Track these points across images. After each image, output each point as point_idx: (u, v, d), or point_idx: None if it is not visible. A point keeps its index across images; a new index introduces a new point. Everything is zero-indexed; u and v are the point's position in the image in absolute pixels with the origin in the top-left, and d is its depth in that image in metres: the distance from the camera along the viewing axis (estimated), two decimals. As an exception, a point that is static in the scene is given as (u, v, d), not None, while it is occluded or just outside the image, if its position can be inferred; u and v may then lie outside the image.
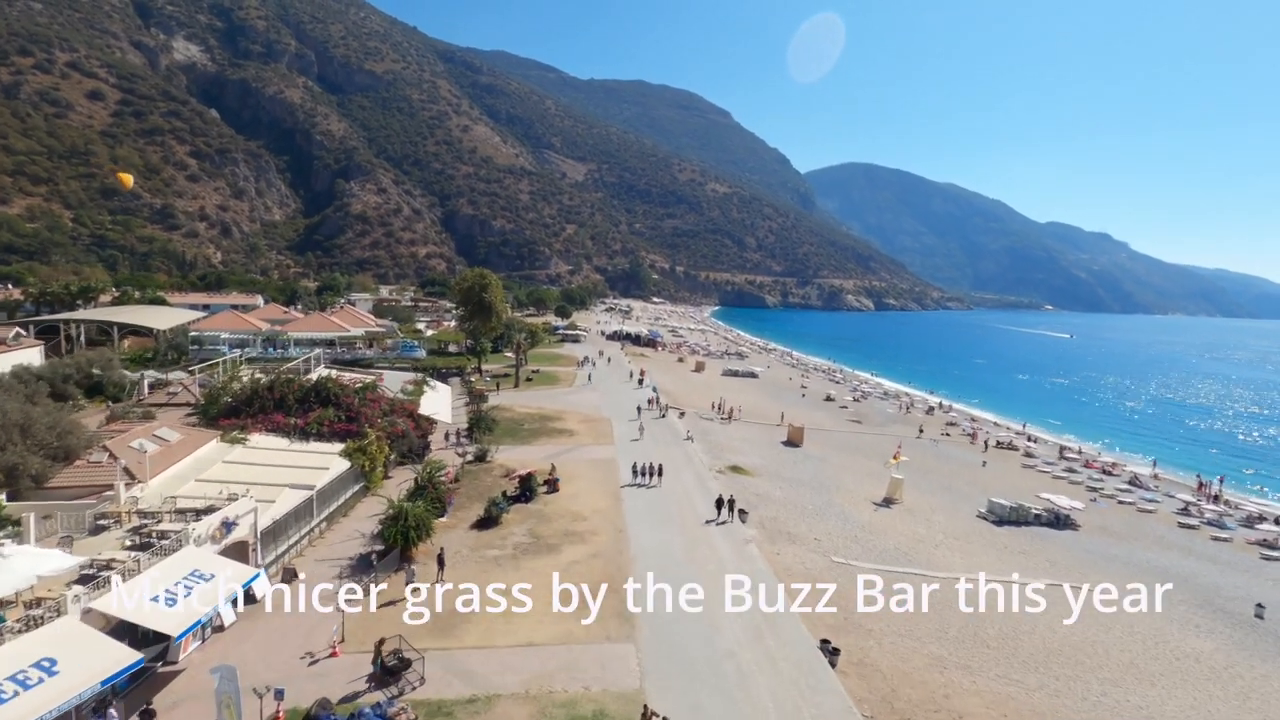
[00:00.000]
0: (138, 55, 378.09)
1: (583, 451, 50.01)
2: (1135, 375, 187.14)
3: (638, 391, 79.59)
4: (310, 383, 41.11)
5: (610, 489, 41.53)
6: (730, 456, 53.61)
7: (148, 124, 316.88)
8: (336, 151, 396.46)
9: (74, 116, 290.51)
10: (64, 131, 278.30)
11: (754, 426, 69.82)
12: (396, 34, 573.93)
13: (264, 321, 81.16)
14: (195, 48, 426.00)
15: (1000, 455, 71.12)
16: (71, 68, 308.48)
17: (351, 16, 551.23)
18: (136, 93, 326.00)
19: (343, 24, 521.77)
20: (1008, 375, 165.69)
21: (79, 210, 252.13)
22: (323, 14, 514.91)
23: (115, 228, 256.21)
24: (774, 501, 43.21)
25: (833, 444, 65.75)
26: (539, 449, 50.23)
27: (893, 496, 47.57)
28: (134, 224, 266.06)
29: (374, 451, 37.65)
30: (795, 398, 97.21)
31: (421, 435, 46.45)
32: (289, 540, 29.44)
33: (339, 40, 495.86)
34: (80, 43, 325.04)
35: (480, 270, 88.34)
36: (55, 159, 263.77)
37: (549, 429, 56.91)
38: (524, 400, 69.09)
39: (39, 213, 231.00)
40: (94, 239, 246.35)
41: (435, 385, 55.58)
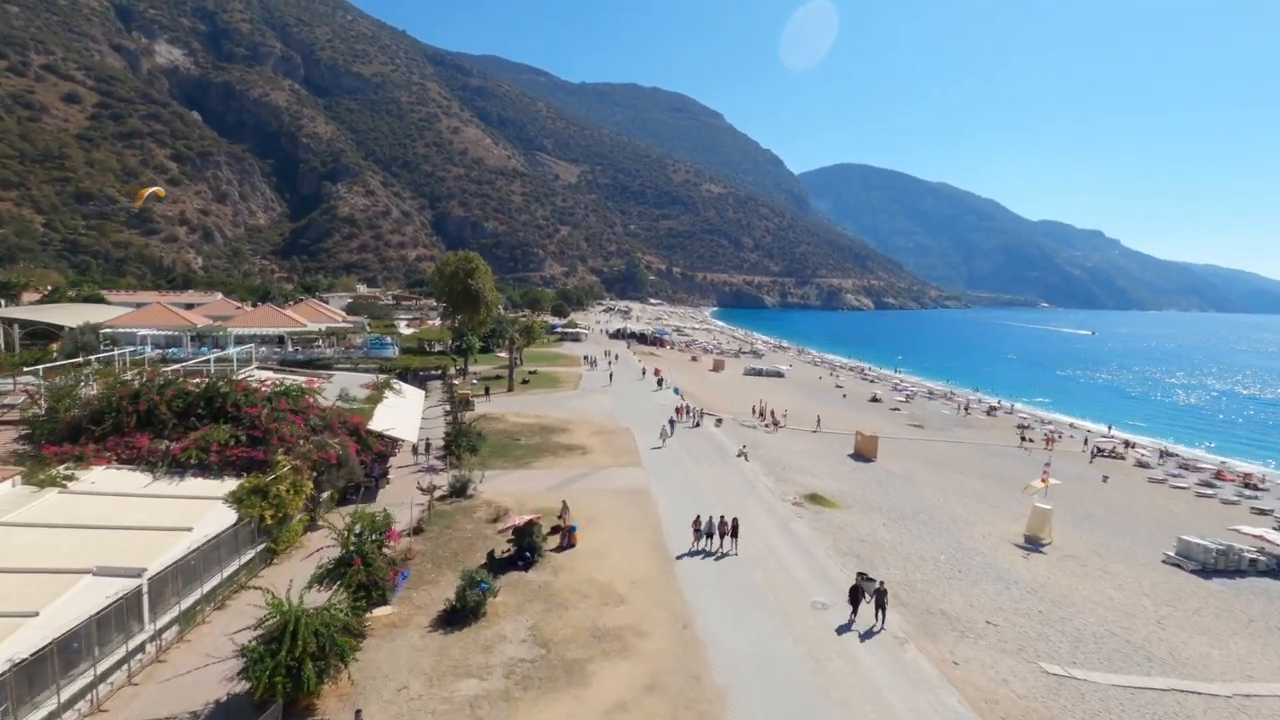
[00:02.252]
0: (117, 59, 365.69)
1: (602, 478, 36.23)
2: (1179, 369, 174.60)
3: (656, 394, 65.97)
4: (199, 388, 27.10)
5: (649, 538, 27.82)
6: (798, 478, 39.90)
7: (126, 127, 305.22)
8: (323, 154, 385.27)
9: (48, 120, 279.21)
10: (37, 135, 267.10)
11: (806, 436, 56.13)
12: (385, 37, 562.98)
13: (207, 317, 67.23)
14: (178, 51, 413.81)
15: (1110, 467, 57.53)
16: (47, 70, 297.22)
17: (339, 19, 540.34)
18: (115, 95, 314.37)
19: (329, 27, 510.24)
20: (1046, 371, 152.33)
21: (51, 215, 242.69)
22: (309, 17, 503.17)
23: (89, 233, 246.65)
24: (888, 549, 29.49)
25: (909, 456, 52.12)
26: (541, 475, 36.47)
27: (1037, 535, 33.97)
28: (109, 229, 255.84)
29: (283, 492, 23.79)
30: (834, 399, 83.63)
31: (375, 459, 32.55)
32: (77, 678, 15.53)
33: (325, 43, 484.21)
34: (57, 45, 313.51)
35: (465, 253, 74.57)
36: (28, 163, 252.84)
37: (553, 445, 43.11)
38: (519, 406, 55.31)
39: (8, 218, 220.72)
40: (66, 244, 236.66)
41: (402, 390, 41.69)
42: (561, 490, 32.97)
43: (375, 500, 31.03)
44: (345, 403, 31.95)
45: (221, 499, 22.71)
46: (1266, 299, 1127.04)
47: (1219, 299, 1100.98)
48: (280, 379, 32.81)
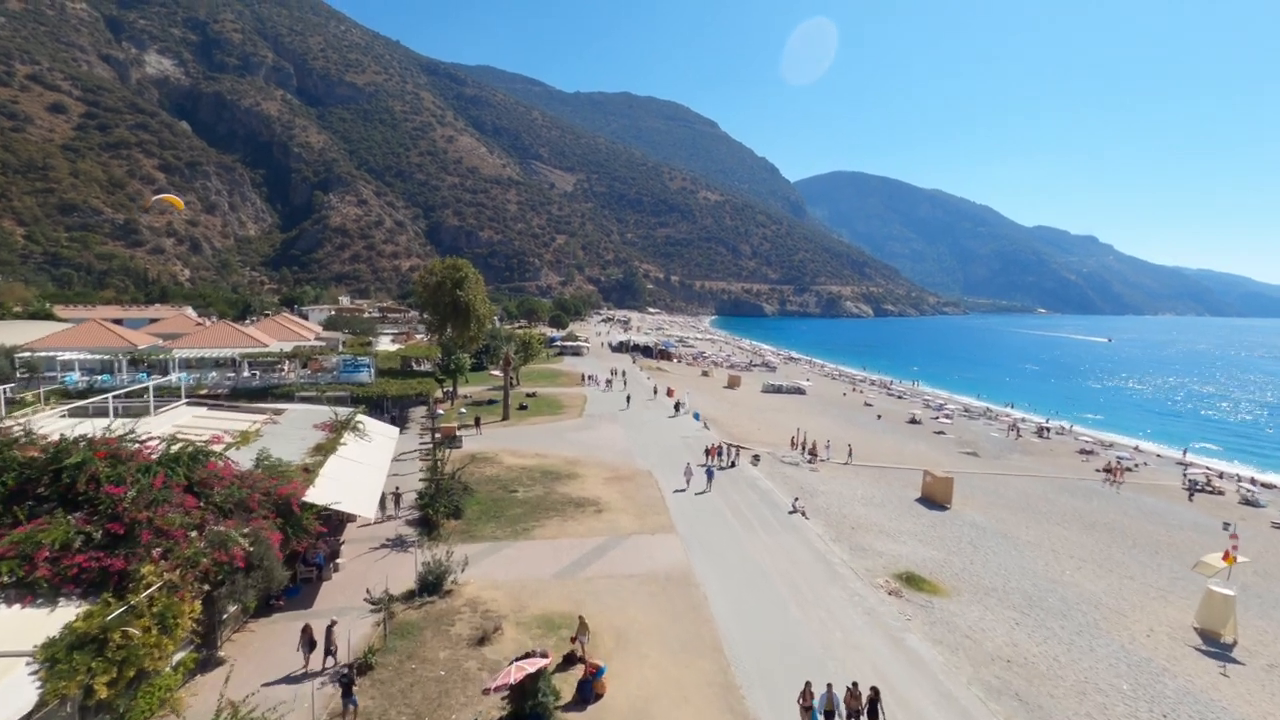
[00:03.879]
0: (106, 69, 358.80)
1: (627, 553, 27.23)
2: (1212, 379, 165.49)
3: (674, 421, 57.00)
4: (43, 458, 17.91)
5: (710, 673, 18.83)
6: (875, 543, 30.97)
7: (113, 137, 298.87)
8: (315, 164, 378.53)
9: (33, 130, 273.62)
10: (20, 145, 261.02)
11: (856, 473, 47.23)
12: (379, 47, 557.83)
13: (155, 336, 58.21)
14: (168, 61, 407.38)
15: (1213, 505, 48.62)
16: (33, 80, 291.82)
17: (332, 30, 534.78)
18: (102, 105, 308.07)
19: (322, 37, 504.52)
20: (1076, 382, 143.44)
21: (32, 227, 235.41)
22: (301, 27, 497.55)
23: (72, 245, 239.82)
24: (1045, 674, 20.60)
25: (982, 497, 43.27)
26: (545, 550, 27.42)
27: (1216, 630, 25.07)
28: (92, 240, 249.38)
29: (138, 636, 14.75)
30: (868, 420, 74.71)
31: (316, 542, 23.33)
32: None
33: (318, 52, 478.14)
34: (43, 55, 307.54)
35: (453, 260, 65.66)
36: (10, 173, 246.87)
37: (559, 499, 34.05)
38: (517, 441, 46.34)
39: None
40: (47, 256, 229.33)
41: (367, 432, 32.63)
42: (575, 578, 24.07)
43: (313, 604, 22.02)
44: (272, 464, 22.84)
45: (28, 655, 13.71)
46: (1262, 302, 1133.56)
47: (1215, 303, 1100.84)
48: (197, 428, 23.75)
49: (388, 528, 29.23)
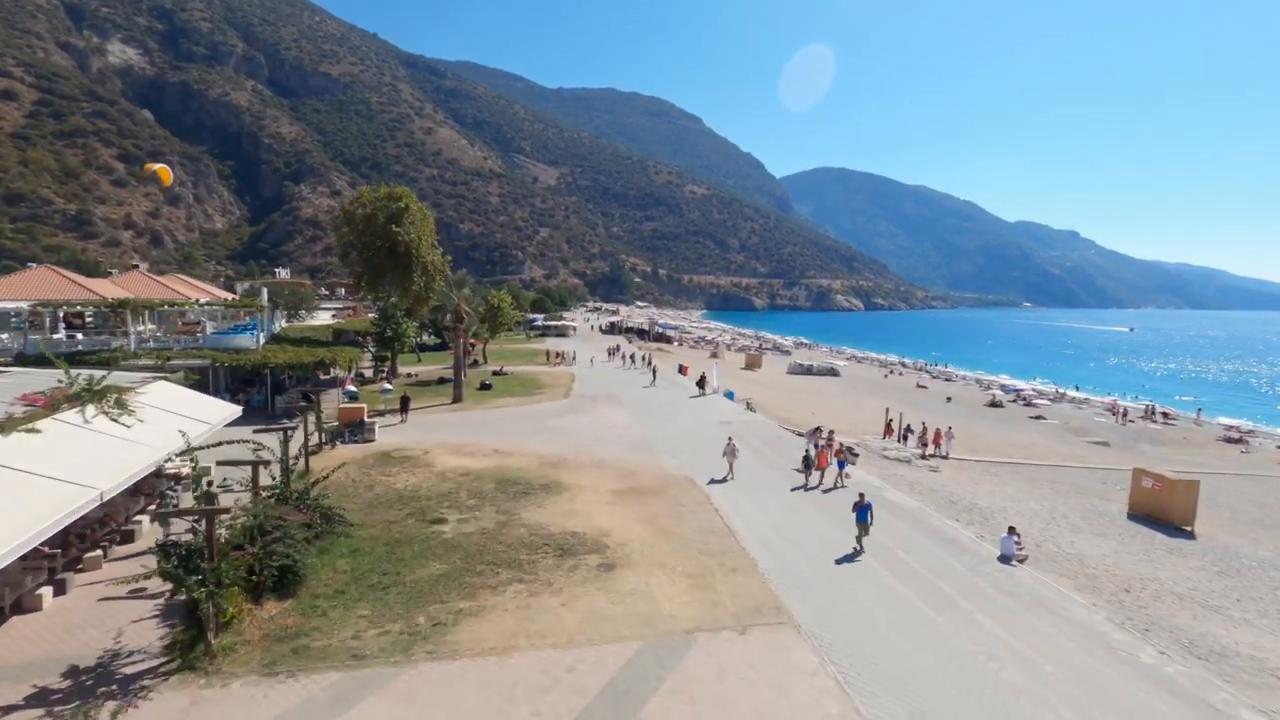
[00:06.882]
0: (65, 57, 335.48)
1: (691, 701, 9.98)
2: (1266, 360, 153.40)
3: (702, 401, 40.17)
4: None
5: None
6: (1185, 625, 14.00)
7: (68, 125, 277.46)
8: (287, 155, 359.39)
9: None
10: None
11: (989, 472, 30.39)
12: (354, 38, 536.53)
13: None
14: (132, 50, 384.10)
15: None
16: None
17: (305, 20, 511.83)
18: (57, 93, 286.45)
19: (295, 27, 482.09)
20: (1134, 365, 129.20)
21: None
22: (273, 17, 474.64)
23: (17, 236, 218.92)
24: None
25: (1202, 508, 26.49)
26: (474, 711, 9.92)
27: None
28: (40, 232, 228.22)
29: None
30: (937, 404, 59.25)
31: None
32: None
33: (291, 42, 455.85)
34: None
35: (390, 188, 48.41)
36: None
37: (524, 536, 16.94)
38: (464, 432, 29.50)
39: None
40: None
41: (140, 410, 15.35)
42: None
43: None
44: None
45: None
46: (1239, 295, 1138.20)
47: (1195, 296, 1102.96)
48: None
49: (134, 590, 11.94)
